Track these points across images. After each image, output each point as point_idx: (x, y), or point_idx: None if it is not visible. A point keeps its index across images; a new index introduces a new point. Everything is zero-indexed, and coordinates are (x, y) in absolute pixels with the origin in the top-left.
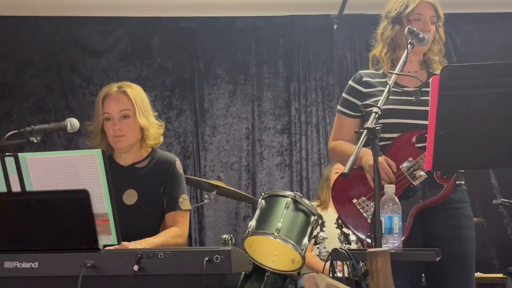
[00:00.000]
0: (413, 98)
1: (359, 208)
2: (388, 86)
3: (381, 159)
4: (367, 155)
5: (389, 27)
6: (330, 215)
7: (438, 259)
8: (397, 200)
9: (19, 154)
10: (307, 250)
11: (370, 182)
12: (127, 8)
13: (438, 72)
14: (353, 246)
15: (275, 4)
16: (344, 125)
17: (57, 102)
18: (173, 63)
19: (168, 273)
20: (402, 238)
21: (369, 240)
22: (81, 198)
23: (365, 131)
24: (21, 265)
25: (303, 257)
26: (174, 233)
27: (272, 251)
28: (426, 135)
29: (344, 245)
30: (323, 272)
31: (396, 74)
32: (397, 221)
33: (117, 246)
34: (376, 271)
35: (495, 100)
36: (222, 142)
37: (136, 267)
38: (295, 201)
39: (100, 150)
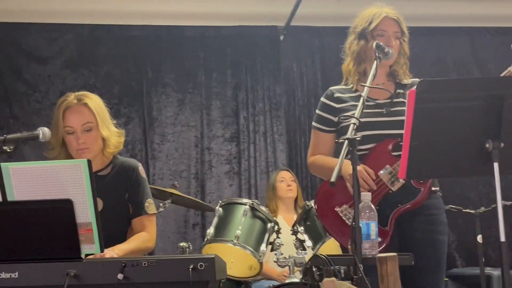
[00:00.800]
0: (384, 110)
1: (341, 215)
2: (362, 98)
3: (360, 167)
4: (347, 165)
5: (355, 42)
6: (280, 222)
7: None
8: (373, 207)
9: (1, 164)
10: None
11: (351, 191)
12: (74, 15)
13: (405, 81)
14: (309, 252)
15: (223, 14)
16: (320, 140)
17: (1, 109)
18: (121, 71)
19: (153, 281)
20: (384, 243)
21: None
22: (64, 208)
23: (346, 141)
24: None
25: (261, 264)
26: (143, 238)
27: (229, 258)
28: (401, 144)
29: (300, 251)
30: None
31: (368, 87)
32: (374, 227)
33: (92, 256)
34: (386, 275)
35: (466, 113)
36: (171, 150)
37: (120, 276)
38: (252, 209)
39: (86, 160)
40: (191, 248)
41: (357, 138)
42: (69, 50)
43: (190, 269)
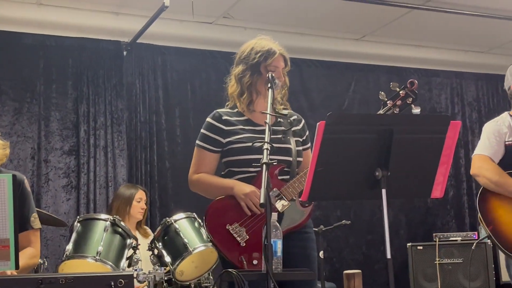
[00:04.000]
0: (281, 136)
1: (232, 233)
2: (267, 125)
3: (250, 189)
4: (238, 185)
5: (248, 73)
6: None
7: None
8: (278, 226)
9: None
10: None
11: (246, 210)
12: None
13: (283, 111)
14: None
15: (65, 25)
16: (205, 159)
17: None
18: None
19: None
20: None
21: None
22: None
23: (264, 165)
24: None
25: None
26: (31, 254)
27: None
28: (285, 169)
29: (157, 266)
30: None
31: (270, 114)
32: (280, 245)
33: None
34: None
35: (362, 144)
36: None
37: None
38: (113, 224)
39: (10, 175)
40: (46, 264)
41: (274, 163)
42: None
43: (112, 286)
